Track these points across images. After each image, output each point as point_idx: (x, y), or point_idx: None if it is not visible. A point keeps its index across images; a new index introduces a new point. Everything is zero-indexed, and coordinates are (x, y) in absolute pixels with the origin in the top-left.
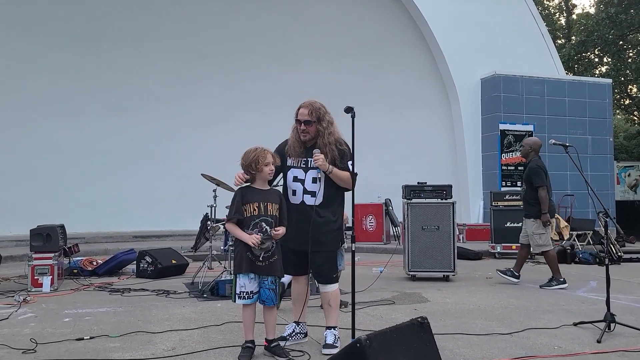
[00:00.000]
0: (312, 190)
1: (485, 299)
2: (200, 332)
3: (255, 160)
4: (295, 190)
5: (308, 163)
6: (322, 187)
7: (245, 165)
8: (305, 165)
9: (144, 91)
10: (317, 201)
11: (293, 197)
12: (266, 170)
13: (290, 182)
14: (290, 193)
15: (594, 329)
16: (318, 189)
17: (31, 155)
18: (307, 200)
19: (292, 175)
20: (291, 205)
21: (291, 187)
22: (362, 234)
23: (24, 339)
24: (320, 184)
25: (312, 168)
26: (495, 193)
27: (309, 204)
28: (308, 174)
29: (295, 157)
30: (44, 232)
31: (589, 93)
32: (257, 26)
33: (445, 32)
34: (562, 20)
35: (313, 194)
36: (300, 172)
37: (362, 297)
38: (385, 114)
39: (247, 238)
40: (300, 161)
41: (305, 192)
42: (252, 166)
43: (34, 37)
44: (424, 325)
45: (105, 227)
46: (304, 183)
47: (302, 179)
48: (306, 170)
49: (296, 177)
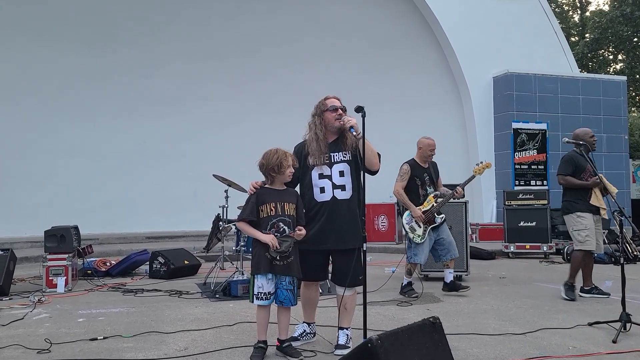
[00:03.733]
0: (341, 184)
1: (498, 299)
2: (212, 332)
3: (278, 163)
4: (323, 187)
5: (332, 158)
6: (350, 181)
7: (266, 166)
8: (329, 161)
9: (157, 93)
10: (348, 195)
11: (321, 195)
12: (287, 173)
13: (316, 180)
14: (318, 192)
15: (609, 329)
16: (347, 182)
17: (45, 157)
18: (338, 195)
19: (316, 173)
20: (317, 203)
21: (318, 185)
22: (374, 233)
23: (38, 339)
24: (349, 177)
25: (336, 162)
26: (508, 192)
27: (341, 199)
28: (334, 168)
29: (317, 156)
30: (58, 233)
31: (603, 91)
32: (268, 27)
33: (456, 30)
34: (576, 18)
35: (343, 188)
36: (326, 169)
37: (374, 297)
38: (396, 113)
39: (265, 238)
40: (323, 157)
41: (335, 187)
42: (274, 169)
43: (47, 41)
44: (436, 325)
45: (118, 228)
46: (332, 178)
47: (329, 175)
48: (331, 166)
49: (322, 174)
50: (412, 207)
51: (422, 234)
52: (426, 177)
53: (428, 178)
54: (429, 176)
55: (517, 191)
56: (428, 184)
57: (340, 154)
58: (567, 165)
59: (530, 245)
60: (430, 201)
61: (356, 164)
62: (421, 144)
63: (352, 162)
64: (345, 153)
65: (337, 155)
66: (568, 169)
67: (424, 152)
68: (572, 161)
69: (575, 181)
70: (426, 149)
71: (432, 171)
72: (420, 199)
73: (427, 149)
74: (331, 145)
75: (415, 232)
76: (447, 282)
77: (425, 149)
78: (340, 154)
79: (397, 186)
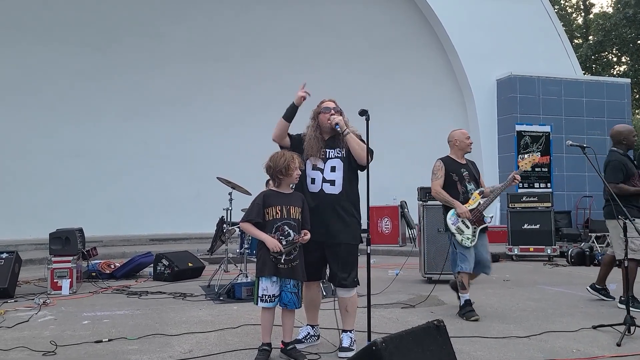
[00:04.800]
0: (331, 179)
1: (502, 302)
2: (216, 334)
3: (285, 166)
4: (314, 179)
5: (327, 154)
6: (341, 177)
7: (273, 169)
8: (324, 156)
9: (160, 94)
10: (337, 190)
11: (312, 186)
12: (294, 176)
13: (309, 170)
14: (309, 182)
15: (613, 332)
16: (337, 177)
17: (49, 159)
18: (327, 188)
19: (310, 164)
20: (308, 193)
21: (310, 175)
22: (377, 236)
23: (44, 341)
24: (340, 173)
25: (330, 158)
26: (512, 195)
27: (329, 193)
28: (328, 163)
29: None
30: (63, 235)
31: (607, 93)
32: (270, 29)
33: (459, 32)
34: (580, 20)
35: (332, 183)
36: (319, 162)
37: (378, 300)
38: (400, 115)
39: (269, 241)
40: (320, 152)
41: (325, 180)
42: (281, 171)
43: (50, 42)
44: (440, 328)
45: (123, 231)
46: (323, 172)
47: (322, 168)
48: (325, 161)
49: (315, 166)
50: (457, 204)
51: (471, 235)
52: (464, 173)
53: (467, 174)
54: (468, 172)
55: (521, 194)
56: (467, 179)
57: (334, 151)
58: (617, 172)
59: (534, 248)
60: (476, 198)
61: (350, 161)
62: (454, 137)
63: (346, 159)
64: (339, 150)
65: (332, 152)
66: (618, 176)
67: (461, 144)
68: (620, 166)
69: (630, 189)
70: (461, 138)
71: (472, 168)
72: (461, 197)
73: (462, 137)
74: (327, 142)
75: (464, 234)
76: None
77: (460, 138)
78: (334, 151)
79: (435, 185)
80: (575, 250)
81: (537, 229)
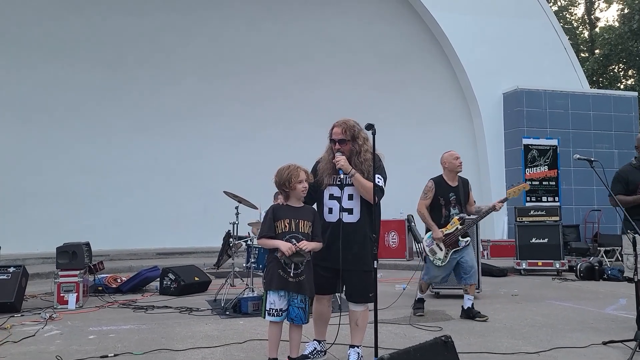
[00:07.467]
0: (349, 207)
1: (511, 317)
2: (222, 349)
3: (288, 178)
4: (331, 209)
5: (343, 180)
6: (359, 204)
7: (279, 183)
8: (340, 183)
9: (168, 109)
10: (355, 218)
11: (329, 216)
12: (299, 188)
13: (326, 200)
14: (327, 211)
15: (624, 349)
16: (355, 205)
17: (58, 174)
18: (345, 217)
19: (327, 193)
20: (326, 224)
21: (327, 205)
22: (384, 250)
23: (50, 356)
24: (357, 201)
25: (348, 184)
26: (519, 208)
27: (347, 222)
28: (345, 190)
29: (329, 176)
30: (69, 249)
31: (614, 106)
32: (279, 45)
33: (466, 47)
34: (586, 34)
35: (350, 212)
36: (336, 190)
37: (385, 315)
38: (407, 129)
39: (282, 244)
40: (335, 179)
41: (342, 209)
42: (285, 184)
43: (61, 59)
44: (447, 344)
45: (129, 245)
46: (341, 201)
47: (339, 197)
48: (342, 188)
49: (332, 195)
50: (434, 228)
51: (442, 257)
52: (452, 197)
53: (454, 198)
54: (456, 196)
55: (529, 207)
56: (453, 204)
57: None
58: (614, 184)
59: (542, 262)
60: (454, 223)
61: None
62: (443, 159)
63: None
64: None
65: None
66: (615, 188)
67: (450, 165)
68: (619, 178)
69: (627, 198)
70: (450, 159)
71: (462, 191)
72: (442, 220)
73: (451, 159)
74: None
75: (436, 255)
76: (465, 308)
77: (449, 160)
78: None
79: (420, 205)
80: (585, 265)
81: (546, 243)
